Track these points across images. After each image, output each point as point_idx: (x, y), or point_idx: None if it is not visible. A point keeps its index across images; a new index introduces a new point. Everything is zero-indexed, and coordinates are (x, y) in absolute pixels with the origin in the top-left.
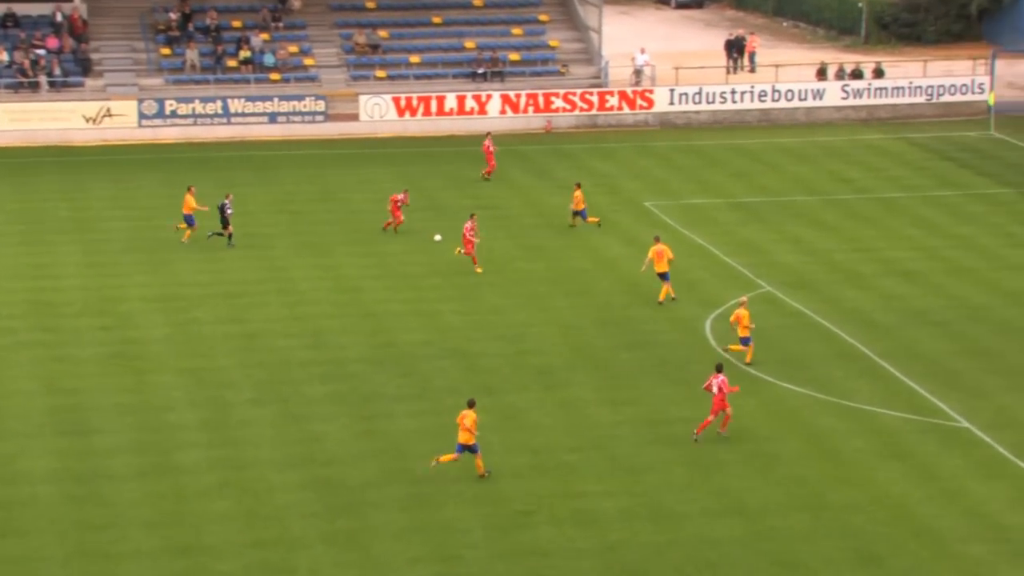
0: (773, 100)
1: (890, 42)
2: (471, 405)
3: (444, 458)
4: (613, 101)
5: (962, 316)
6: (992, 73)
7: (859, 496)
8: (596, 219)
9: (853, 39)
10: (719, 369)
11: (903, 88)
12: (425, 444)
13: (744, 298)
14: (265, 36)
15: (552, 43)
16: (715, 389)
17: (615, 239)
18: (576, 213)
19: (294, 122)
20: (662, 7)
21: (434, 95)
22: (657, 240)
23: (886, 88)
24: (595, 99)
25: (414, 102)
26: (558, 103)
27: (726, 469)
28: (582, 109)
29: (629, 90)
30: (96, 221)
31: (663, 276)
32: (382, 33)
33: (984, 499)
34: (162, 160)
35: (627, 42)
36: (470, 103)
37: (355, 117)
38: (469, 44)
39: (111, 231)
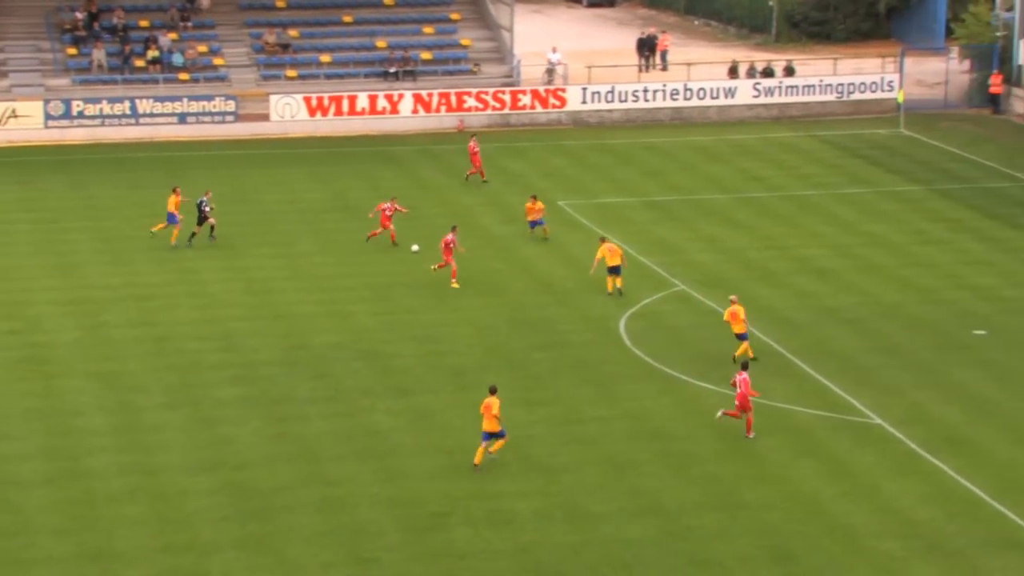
0: (685, 98)
1: (800, 40)
2: (493, 392)
3: (495, 447)
4: (526, 100)
5: (874, 313)
6: (901, 71)
7: (773, 494)
8: (547, 230)
9: (764, 37)
10: (744, 367)
11: (814, 86)
12: (339, 446)
13: (735, 296)
14: (173, 35)
15: (464, 42)
16: (739, 387)
17: (528, 239)
18: (533, 224)
19: (204, 122)
20: (574, 6)
21: (345, 95)
22: (604, 240)
23: (797, 86)
24: (507, 98)
25: (325, 102)
26: (470, 102)
27: (641, 469)
28: (494, 108)
29: (542, 89)
30: (1, 224)
31: (614, 270)
32: (292, 32)
33: (896, 495)
34: (69, 162)
35: (539, 41)
36: (382, 103)
37: (266, 117)
38: (380, 43)
39: (17, 234)
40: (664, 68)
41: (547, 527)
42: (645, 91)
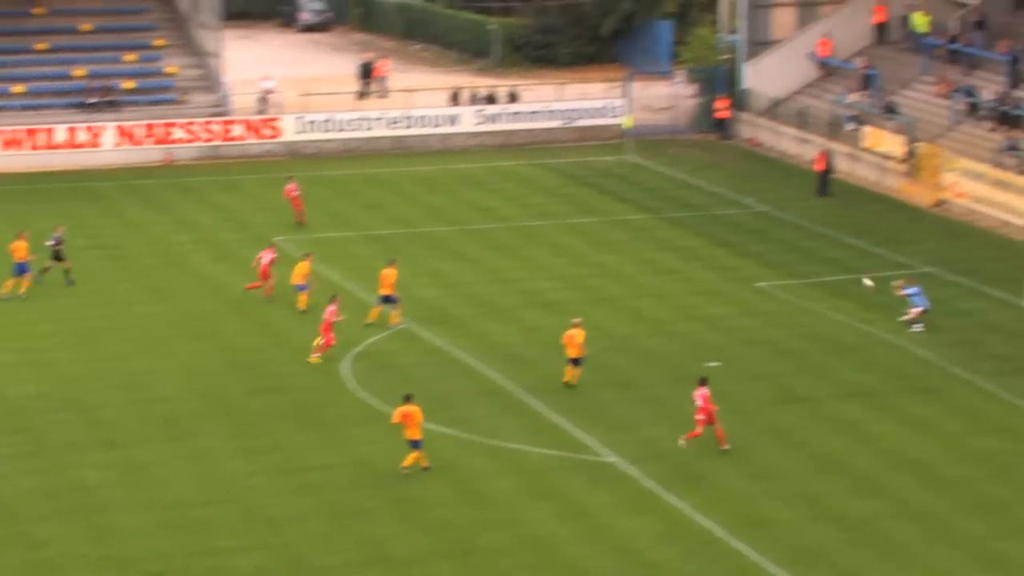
0: (406, 127)
1: (524, 65)
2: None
3: (408, 460)
4: (238, 131)
5: (606, 347)
6: (628, 96)
7: (506, 538)
8: None
9: (486, 62)
10: (703, 383)
11: (539, 112)
12: (43, 505)
13: (577, 320)
14: None
15: (169, 70)
16: (699, 402)
17: (243, 277)
18: None
19: None
20: (286, 31)
21: (42, 128)
22: (391, 264)
23: (521, 113)
24: (218, 129)
25: (20, 135)
26: (178, 134)
27: (369, 517)
28: (204, 140)
29: (254, 118)
30: None
31: (387, 299)
32: None
33: (632, 535)
34: None
35: (250, 68)
36: (82, 135)
37: None
38: (78, 72)
39: None
40: (383, 95)
41: None
42: (364, 120)
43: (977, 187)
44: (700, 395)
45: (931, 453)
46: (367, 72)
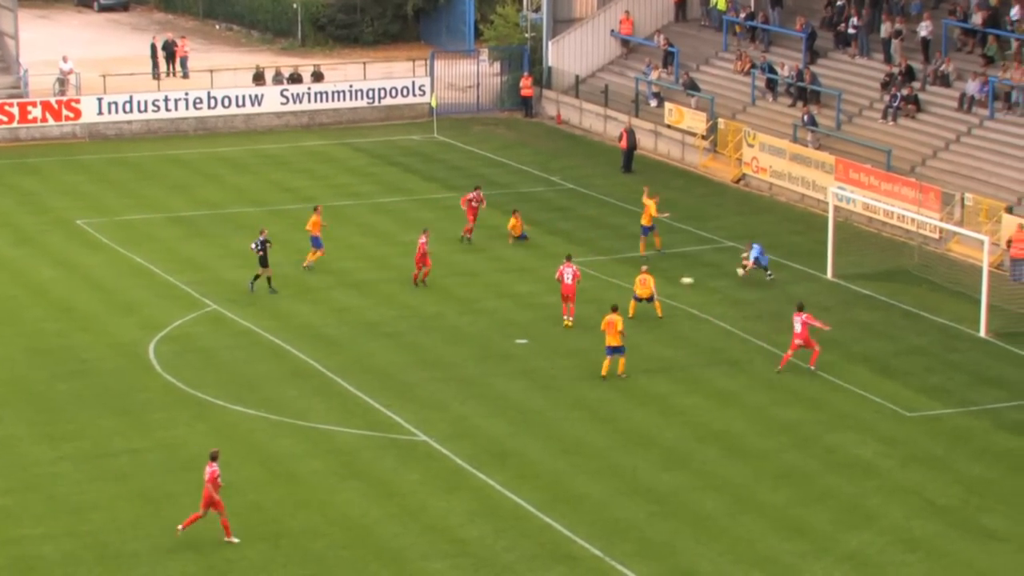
0: (210, 107)
1: (328, 44)
2: (615, 310)
3: (620, 366)
4: (36, 113)
5: (414, 326)
6: (432, 75)
7: (318, 520)
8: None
9: (290, 41)
10: (800, 308)
11: (344, 92)
12: None
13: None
14: None
15: None
16: (798, 327)
17: (44, 261)
18: (517, 238)
19: None
20: (84, 10)
21: None
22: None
23: (326, 92)
24: (15, 111)
25: None
26: None
27: (176, 502)
28: (2, 122)
29: (53, 100)
30: None
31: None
32: None
33: (443, 513)
34: None
35: (48, 48)
36: None
37: None
38: None
39: None
40: (185, 76)
41: (77, 571)
42: (166, 100)
43: (776, 162)
44: (801, 320)
45: (736, 425)
46: (168, 52)
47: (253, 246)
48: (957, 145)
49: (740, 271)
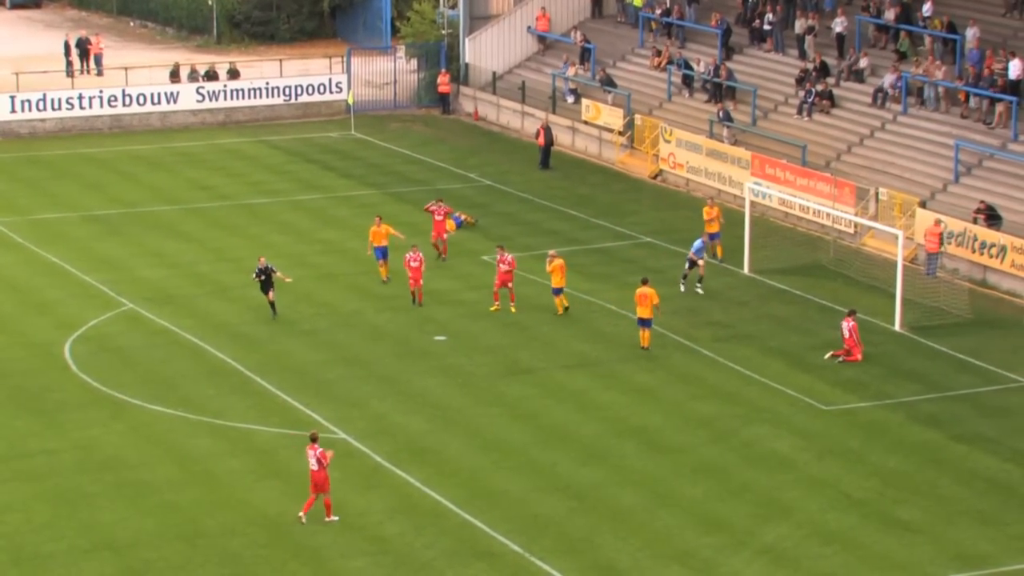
0: (125, 105)
1: (244, 41)
2: (645, 282)
3: (645, 339)
4: None
5: (333, 324)
6: (348, 72)
7: (236, 519)
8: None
9: (205, 39)
10: (851, 313)
11: (260, 89)
12: None
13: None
14: None
15: None
16: (846, 332)
17: None
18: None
19: None
20: None
21: None
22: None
23: (243, 89)
24: None
25: None
26: None
27: (93, 502)
28: None
29: None
30: None
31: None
32: None
33: (362, 511)
34: None
35: None
36: None
37: None
38: None
39: None
40: (99, 73)
41: None
42: (80, 98)
43: (692, 157)
44: (851, 327)
45: (653, 420)
46: (82, 49)
47: (254, 276)
48: (871, 140)
49: (698, 288)
